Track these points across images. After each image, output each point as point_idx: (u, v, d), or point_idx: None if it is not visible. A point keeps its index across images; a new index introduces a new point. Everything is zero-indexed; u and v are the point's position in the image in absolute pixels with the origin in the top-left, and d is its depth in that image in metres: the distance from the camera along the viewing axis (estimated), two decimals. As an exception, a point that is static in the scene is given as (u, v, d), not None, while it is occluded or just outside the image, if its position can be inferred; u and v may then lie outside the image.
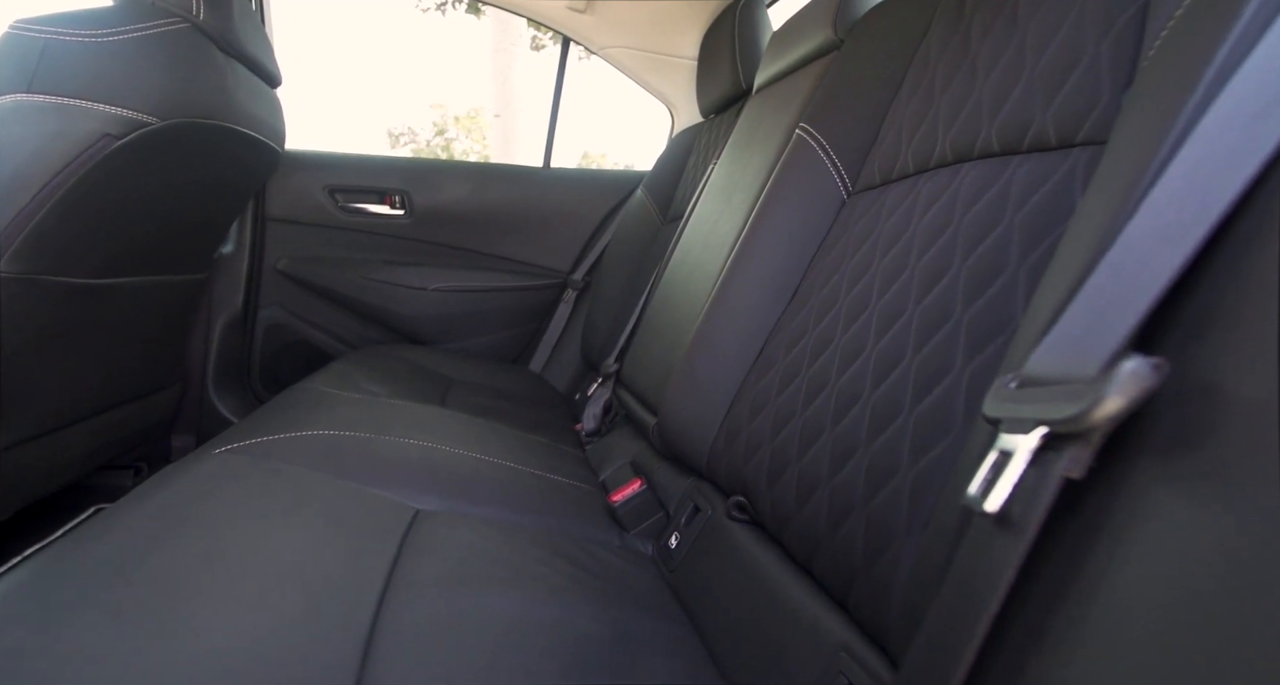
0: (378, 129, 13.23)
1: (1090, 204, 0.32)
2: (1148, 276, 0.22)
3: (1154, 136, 0.28)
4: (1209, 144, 0.23)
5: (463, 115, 12.82)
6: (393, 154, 11.43)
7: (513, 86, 3.82)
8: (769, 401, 0.58)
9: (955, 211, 0.47)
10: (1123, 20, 0.39)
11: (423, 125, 13.74)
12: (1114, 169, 0.30)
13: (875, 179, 0.62)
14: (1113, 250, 0.24)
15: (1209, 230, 0.21)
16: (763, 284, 0.67)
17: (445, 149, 12.83)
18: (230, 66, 0.87)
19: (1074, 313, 0.24)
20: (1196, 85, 0.26)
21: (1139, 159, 0.28)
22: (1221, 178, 0.21)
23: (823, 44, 0.76)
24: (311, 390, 0.81)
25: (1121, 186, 0.28)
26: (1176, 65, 0.29)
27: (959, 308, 0.42)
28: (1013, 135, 0.46)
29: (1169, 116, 0.27)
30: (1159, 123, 0.28)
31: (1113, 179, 0.30)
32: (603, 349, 1.22)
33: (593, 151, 13.10)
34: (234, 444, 0.58)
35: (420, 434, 0.71)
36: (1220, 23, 0.27)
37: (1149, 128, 0.29)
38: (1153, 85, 0.31)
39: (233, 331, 1.28)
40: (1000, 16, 0.51)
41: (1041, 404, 0.22)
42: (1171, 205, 0.23)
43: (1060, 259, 0.31)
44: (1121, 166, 0.30)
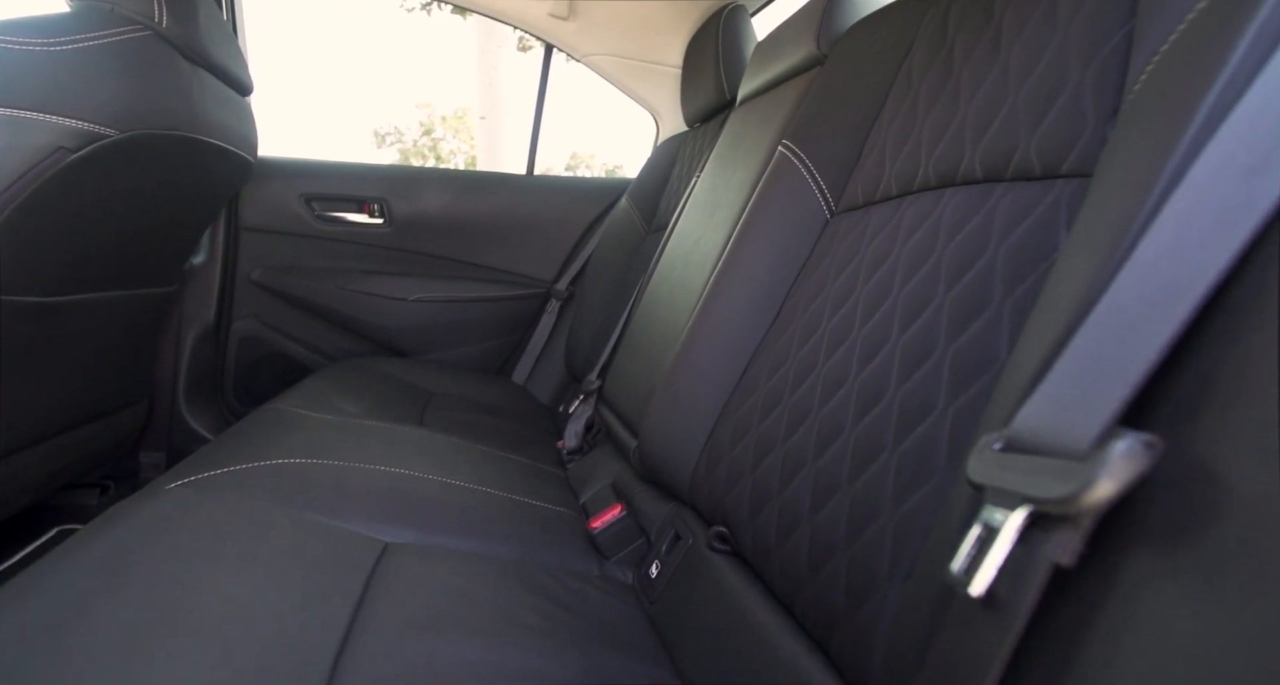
0: (363, 129, 13.06)
1: (1075, 247, 0.30)
2: (1138, 342, 0.20)
3: (1140, 183, 0.27)
4: (1198, 199, 0.22)
5: (450, 115, 12.72)
6: (375, 158, 11.33)
7: (499, 88, 3.78)
8: (751, 428, 0.57)
9: (939, 239, 0.46)
10: (1107, 49, 0.38)
11: (409, 125, 13.58)
12: (1098, 214, 0.29)
13: (858, 200, 0.60)
14: (1100, 307, 0.23)
15: (1202, 297, 0.19)
16: (745, 304, 0.66)
17: (433, 149, 12.72)
18: (196, 75, 0.84)
19: (1061, 372, 0.23)
20: (1183, 132, 0.25)
21: (1124, 207, 0.27)
22: (1213, 240, 0.20)
23: (806, 59, 0.75)
24: (280, 412, 0.78)
25: (1106, 235, 0.27)
26: (1163, 106, 0.28)
27: (942, 342, 0.41)
28: (996, 162, 0.44)
29: (1155, 163, 0.26)
30: (1145, 168, 0.27)
31: (1097, 225, 0.29)
32: (586, 361, 1.20)
33: (582, 152, 13.06)
34: (190, 477, 0.55)
35: (393, 459, 0.69)
36: (1207, 66, 0.26)
37: (1134, 173, 0.28)
38: (1137, 125, 0.30)
39: (205, 344, 1.24)
40: (984, 39, 0.50)
41: (1028, 476, 0.21)
42: (1161, 264, 0.22)
43: (1044, 307, 0.30)
44: (1106, 212, 0.28)
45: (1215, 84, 0.25)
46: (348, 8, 11.82)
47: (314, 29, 14.36)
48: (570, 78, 1.48)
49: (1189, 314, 0.19)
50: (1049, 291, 0.31)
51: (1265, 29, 0.25)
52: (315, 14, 12.80)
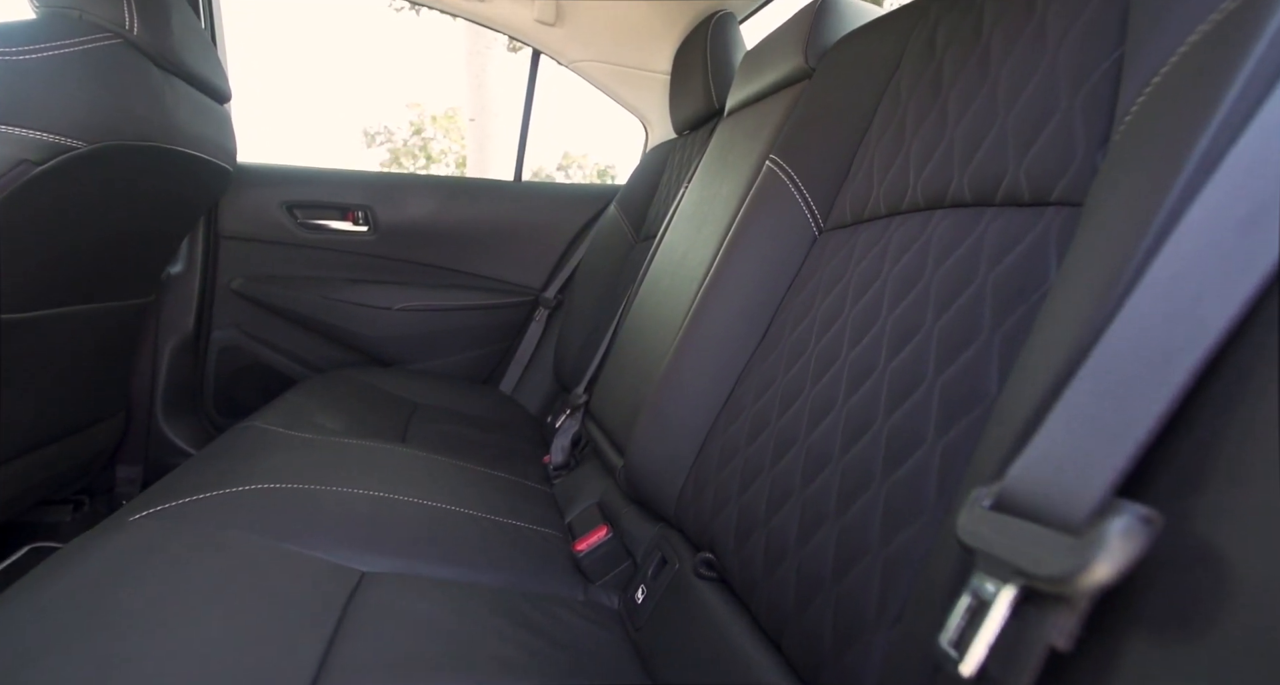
0: (352, 129, 12.97)
1: (1066, 286, 0.29)
2: (1135, 404, 0.19)
3: (1133, 224, 0.26)
4: (1195, 249, 0.21)
5: (440, 115, 12.65)
6: (365, 157, 11.20)
7: (488, 89, 3.75)
8: (738, 451, 0.56)
9: (927, 264, 0.45)
10: (1096, 74, 0.37)
11: (399, 124, 13.53)
12: (1090, 253, 0.28)
13: (846, 218, 0.59)
14: (1093, 359, 0.22)
15: (1200, 360, 0.18)
16: (733, 322, 0.64)
17: (423, 149, 12.64)
18: (169, 84, 0.81)
19: (1054, 429, 0.22)
20: (1177, 173, 0.24)
21: (1117, 249, 0.26)
22: (1212, 296, 0.19)
23: (793, 71, 0.74)
24: (257, 431, 0.76)
25: (1099, 277, 0.26)
26: (1155, 143, 0.27)
27: (931, 371, 0.40)
28: (985, 187, 0.44)
29: (1149, 204, 0.25)
30: (1138, 209, 0.26)
31: (1089, 265, 0.28)
32: (575, 370, 1.18)
33: (574, 152, 13.04)
34: (156, 507, 0.53)
35: (373, 481, 0.67)
36: (1201, 104, 0.25)
37: (1127, 212, 0.27)
38: (1129, 161, 0.29)
39: (183, 355, 1.21)
40: (972, 57, 0.49)
41: (1021, 546, 0.20)
42: (1157, 318, 0.21)
43: (1035, 348, 0.29)
44: (1098, 252, 0.27)
45: (1209, 124, 0.24)
46: (337, 7, 11.72)
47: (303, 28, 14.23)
48: (562, 78, 1.47)
49: (1188, 378, 0.18)
50: (1039, 331, 0.30)
51: (1260, 69, 0.24)
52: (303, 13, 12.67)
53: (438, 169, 12.38)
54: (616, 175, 12.27)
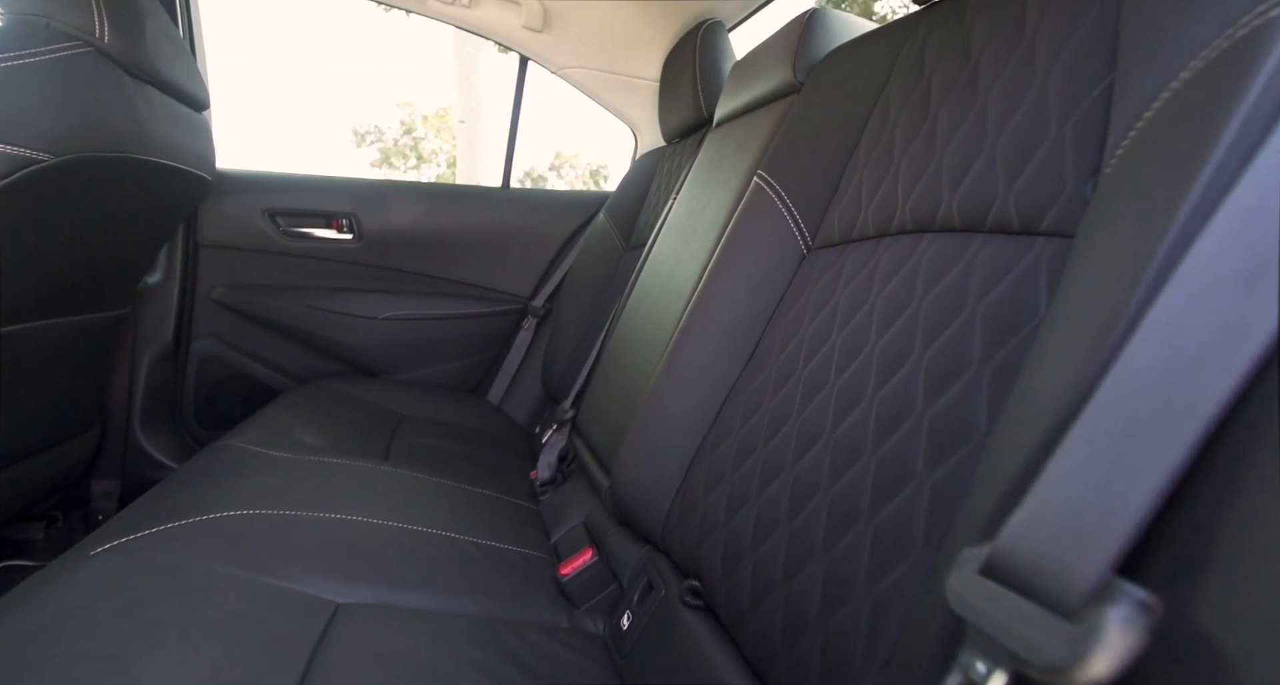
0: (342, 128, 12.89)
1: (1056, 328, 0.29)
2: (1133, 475, 0.18)
3: (1126, 269, 0.25)
4: (1193, 306, 0.20)
5: (431, 114, 12.57)
6: (356, 156, 11.09)
7: (478, 91, 3.72)
8: (725, 476, 0.55)
9: (916, 289, 0.44)
10: (1086, 102, 0.37)
11: (390, 124, 13.42)
12: (1081, 295, 0.27)
13: (835, 237, 0.58)
14: (1087, 419, 0.21)
15: (1199, 432, 0.17)
16: (720, 341, 0.63)
17: (414, 148, 12.56)
18: (142, 92, 0.79)
19: (1048, 491, 0.21)
20: (1172, 216, 0.23)
21: (1110, 294, 0.25)
22: (1211, 360, 0.18)
23: (782, 85, 0.73)
24: (233, 450, 0.74)
25: (1090, 324, 0.25)
26: (1147, 183, 0.26)
27: (920, 403, 0.39)
28: (974, 212, 0.43)
29: (1143, 248, 0.24)
30: (1131, 252, 0.25)
31: (1081, 308, 0.27)
32: (563, 381, 1.17)
33: (566, 152, 13.02)
34: (119, 539, 0.51)
35: (351, 504, 0.65)
36: (1195, 145, 0.24)
37: (1120, 255, 0.26)
38: (1121, 199, 0.28)
39: (162, 366, 1.19)
40: (961, 77, 0.48)
41: (1013, 624, 0.19)
42: (1154, 378, 0.20)
43: (1025, 392, 0.28)
44: (1090, 295, 0.26)
45: (1204, 169, 0.23)
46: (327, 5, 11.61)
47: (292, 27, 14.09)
48: (554, 77, 1.45)
49: (1186, 453, 0.17)
50: (1030, 373, 0.29)
51: (1254, 115, 0.23)
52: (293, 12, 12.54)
53: (429, 169, 12.32)
54: (609, 175, 12.25)
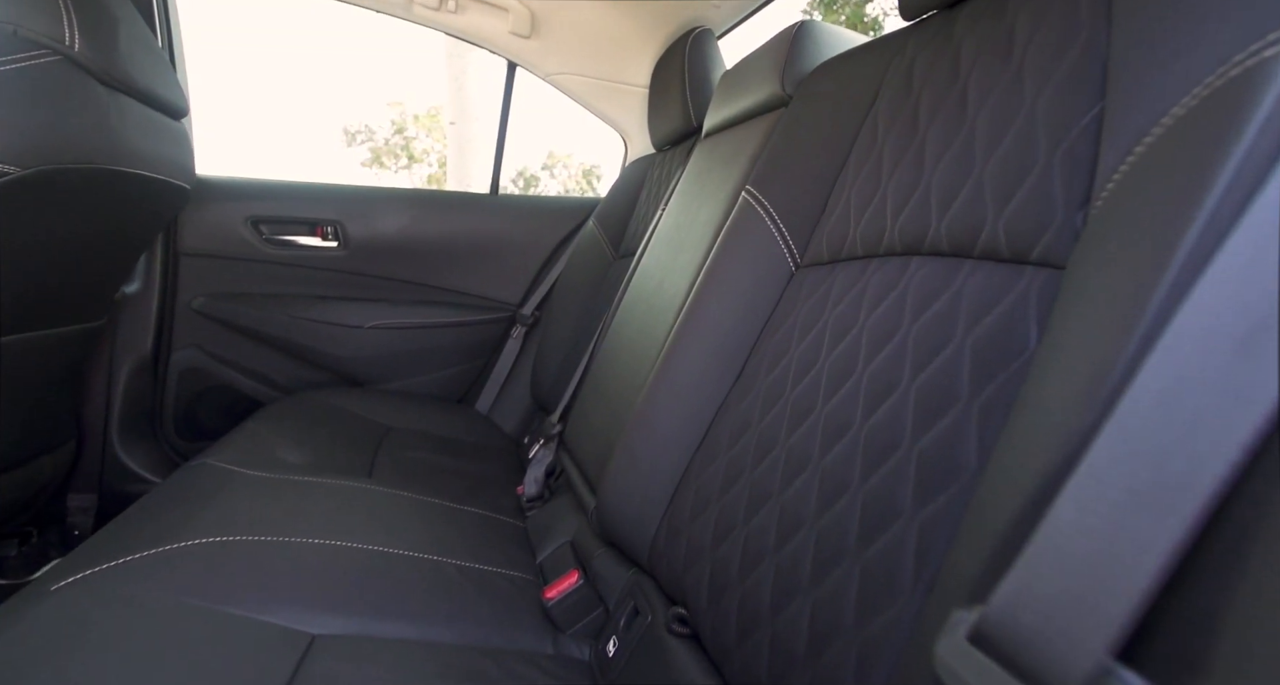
0: (333, 127, 12.78)
1: (1046, 371, 0.28)
2: (1129, 553, 0.17)
3: (1118, 314, 0.24)
4: (1187, 363, 0.19)
5: (423, 114, 12.49)
6: (346, 156, 10.99)
7: (468, 92, 3.69)
8: (711, 501, 0.54)
9: (905, 315, 0.44)
10: (1076, 130, 0.36)
11: (381, 123, 13.32)
12: (1071, 339, 0.27)
13: (823, 255, 0.58)
14: (1079, 480, 0.20)
15: (1200, 509, 0.16)
16: (707, 359, 0.62)
17: (405, 148, 12.47)
18: (115, 102, 0.77)
19: (1041, 558, 0.20)
20: (1164, 267, 0.23)
21: (1101, 340, 0.24)
22: (1209, 430, 0.17)
23: (770, 98, 0.72)
24: (209, 470, 0.72)
25: (1081, 372, 0.24)
26: (1139, 226, 0.26)
27: (908, 435, 0.38)
28: (962, 238, 0.42)
29: (1135, 295, 0.23)
30: (1123, 297, 0.24)
31: (1070, 354, 0.26)
32: (551, 392, 1.16)
33: (559, 151, 12.98)
34: (83, 572, 0.49)
35: (331, 528, 0.64)
36: (1188, 189, 0.23)
37: (1110, 299, 0.25)
38: (1111, 241, 0.27)
39: (141, 378, 1.16)
40: (949, 97, 0.47)
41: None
42: (1149, 443, 0.19)
43: (1015, 438, 0.27)
44: (1081, 340, 0.26)
45: (1197, 215, 0.22)
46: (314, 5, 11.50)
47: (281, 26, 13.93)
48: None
49: (1186, 532, 0.16)
50: (1020, 415, 0.28)
51: (1249, 160, 0.22)
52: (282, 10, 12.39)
53: (420, 168, 12.24)
54: (602, 175, 12.24)
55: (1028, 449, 0.25)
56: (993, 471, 0.28)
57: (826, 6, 8.12)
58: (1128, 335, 0.23)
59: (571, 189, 12.98)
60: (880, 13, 7.82)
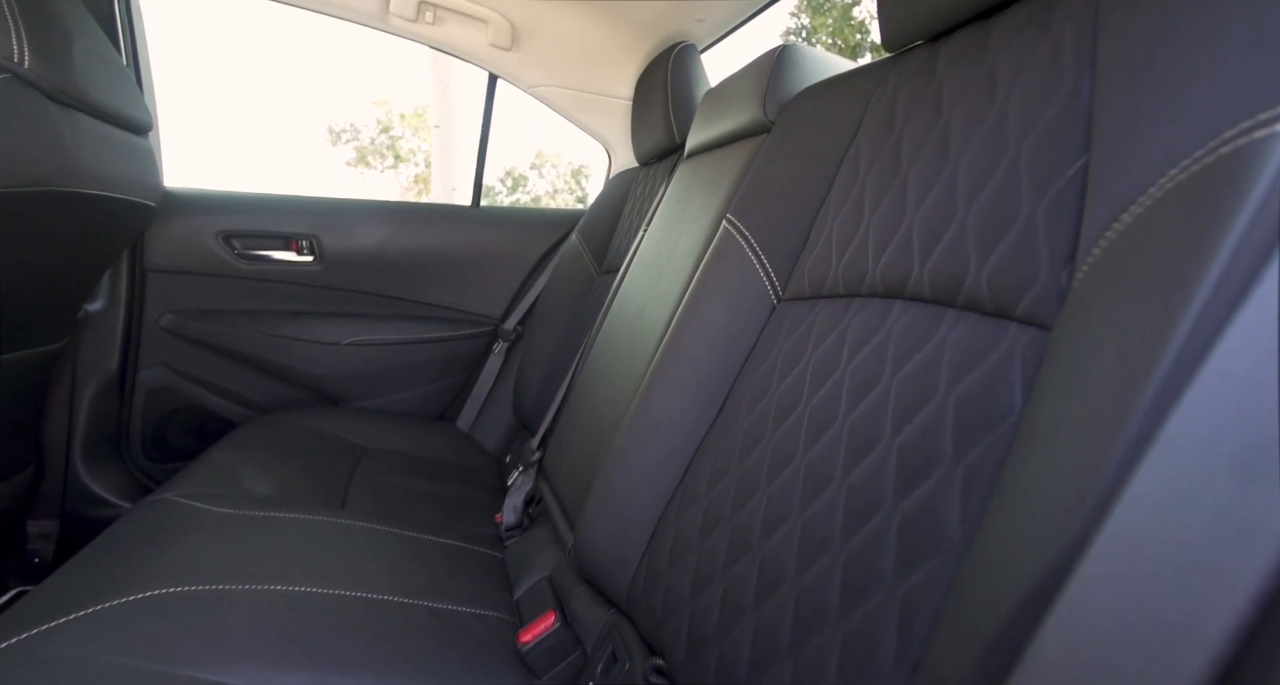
0: (317, 126, 12.64)
1: (1032, 453, 0.26)
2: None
3: (1105, 408, 0.22)
4: (1176, 484, 0.18)
5: (409, 113, 12.37)
6: (330, 156, 10.86)
7: (453, 95, 3.65)
8: (690, 546, 0.52)
9: (886, 364, 0.42)
10: (1060, 182, 0.35)
11: (366, 122, 13.17)
12: (1056, 420, 0.25)
13: (805, 290, 0.56)
14: (1065, 604, 0.19)
15: (1199, 670, 0.15)
16: (688, 393, 0.61)
17: (391, 147, 12.34)
18: (69, 120, 0.73)
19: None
20: (1153, 361, 0.21)
21: (1086, 432, 0.23)
22: (1203, 570, 0.16)
23: (752, 123, 0.71)
24: (168, 507, 0.69)
25: (1066, 465, 0.23)
26: (1125, 308, 0.24)
27: (889, 496, 0.37)
28: (945, 285, 0.41)
29: (1123, 387, 0.22)
30: (1111, 385, 0.23)
31: (1054, 442, 0.24)
32: (534, 410, 1.13)
33: (547, 151, 12.91)
34: (22, 635, 0.46)
35: (296, 570, 0.61)
36: (1178, 276, 0.22)
37: (1097, 386, 0.23)
38: (1098, 317, 0.26)
39: (105, 399, 1.12)
40: (932, 136, 0.46)
41: None
42: (1137, 578, 0.17)
43: (998, 528, 0.26)
44: (1069, 427, 0.24)
45: (1189, 307, 0.21)
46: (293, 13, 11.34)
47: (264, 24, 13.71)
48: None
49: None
50: (1006, 502, 0.27)
51: (1244, 248, 0.21)
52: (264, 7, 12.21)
53: (406, 168, 12.11)
54: (590, 174, 12.19)
55: (1014, 544, 0.24)
56: (978, 556, 0.27)
57: (815, 9, 8.15)
58: (1118, 432, 0.21)
59: (560, 188, 12.93)
60: (867, 15, 7.87)
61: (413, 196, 11.69)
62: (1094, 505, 0.21)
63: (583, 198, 9.55)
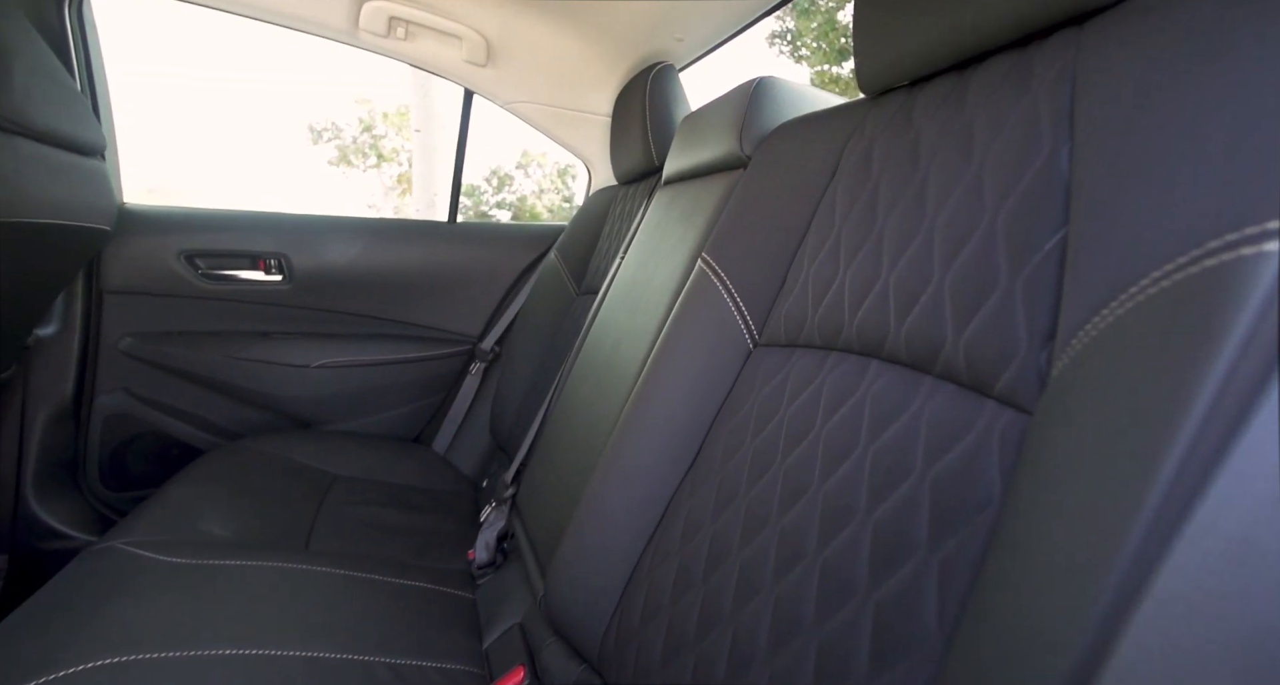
0: (297, 125, 12.44)
1: (1011, 564, 0.25)
2: None
3: (1089, 533, 0.21)
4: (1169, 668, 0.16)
5: (392, 112, 12.20)
6: (312, 155, 10.67)
7: (434, 99, 3.59)
8: (663, 608, 0.50)
9: (862, 431, 0.41)
10: (1038, 256, 0.33)
11: (348, 121, 13.00)
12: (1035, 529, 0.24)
13: (781, 336, 0.55)
14: None
15: None
16: (662, 440, 0.59)
17: (374, 147, 12.16)
18: (9, 145, 0.69)
19: None
20: (1138, 506, 0.20)
21: (1070, 555, 0.21)
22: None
23: (728, 156, 0.69)
24: (114, 557, 0.65)
25: (1050, 589, 0.21)
26: (1108, 420, 0.23)
27: (865, 581, 0.35)
28: (922, 351, 0.39)
29: (1104, 520, 0.20)
30: (1095, 508, 0.21)
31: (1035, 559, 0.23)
32: (511, 433, 1.11)
33: (533, 150, 12.82)
34: None
35: (251, 631, 0.58)
36: (1164, 404, 0.20)
37: (1080, 503, 0.22)
38: (1077, 420, 0.25)
39: (60, 426, 1.07)
40: (908, 190, 0.44)
41: None
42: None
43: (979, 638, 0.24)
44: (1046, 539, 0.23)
45: (1176, 445, 0.19)
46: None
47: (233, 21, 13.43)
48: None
49: None
50: (986, 614, 0.25)
51: (1233, 379, 0.19)
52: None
53: (390, 167, 11.95)
54: (577, 175, 12.13)
55: (1003, 664, 0.22)
56: (956, 668, 0.25)
57: (801, 13, 8.21)
58: (1103, 575, 0.20)
59: (546, 188, 12.84)
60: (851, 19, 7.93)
61: (396, 195, 11.55)
62: (1080, 651, 0.19)
63: (569, 197, 9.50)
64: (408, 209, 8.46)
